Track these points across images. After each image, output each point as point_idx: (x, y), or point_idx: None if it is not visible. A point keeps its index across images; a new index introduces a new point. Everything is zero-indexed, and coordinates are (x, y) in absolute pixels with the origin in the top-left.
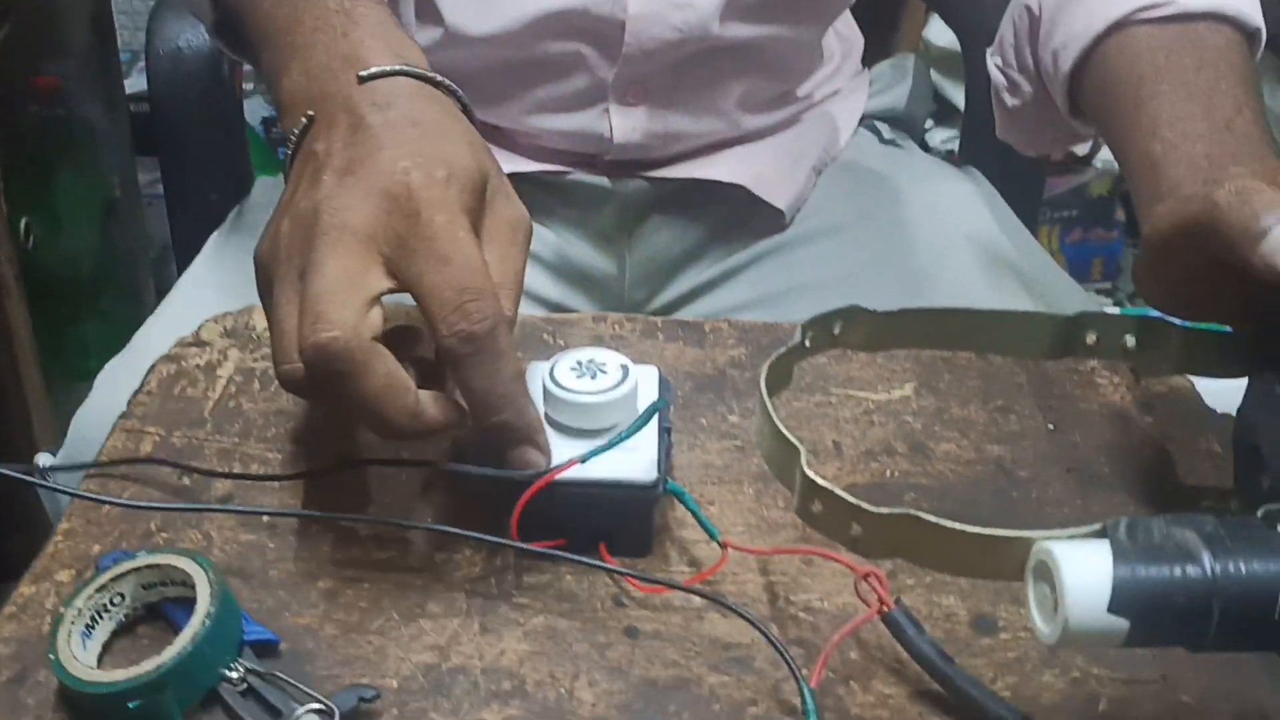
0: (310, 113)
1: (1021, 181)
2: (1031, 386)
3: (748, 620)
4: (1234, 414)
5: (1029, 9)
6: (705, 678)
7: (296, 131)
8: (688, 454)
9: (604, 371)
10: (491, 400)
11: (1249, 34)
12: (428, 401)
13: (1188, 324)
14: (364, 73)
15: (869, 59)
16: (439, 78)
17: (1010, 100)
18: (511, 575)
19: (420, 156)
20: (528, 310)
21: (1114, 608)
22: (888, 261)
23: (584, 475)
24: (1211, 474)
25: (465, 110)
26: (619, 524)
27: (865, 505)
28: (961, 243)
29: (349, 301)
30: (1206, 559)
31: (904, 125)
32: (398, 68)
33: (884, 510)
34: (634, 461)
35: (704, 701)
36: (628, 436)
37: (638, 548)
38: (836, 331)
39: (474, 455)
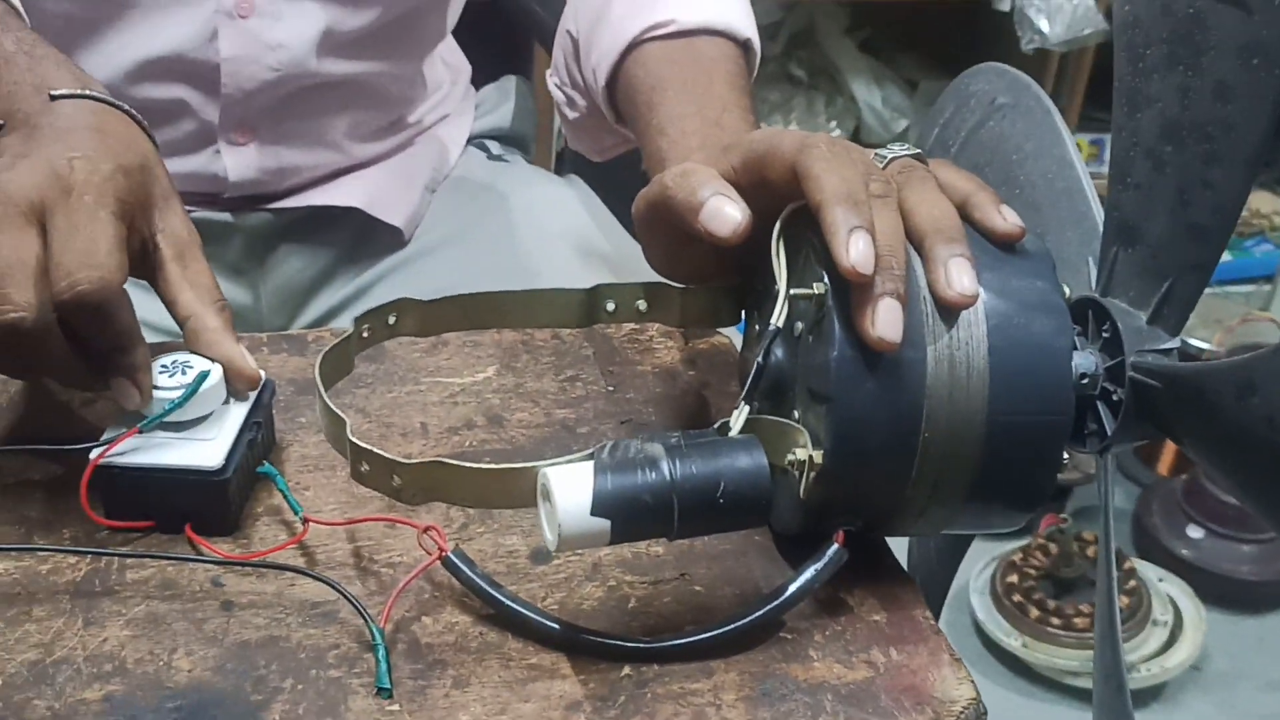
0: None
1: (621, 186)
2: (597, 356)
3: (321, 580)
4: None
5: (569, 33)
6: (294, 633)
7: None
8: (288, 449)
9: (189, 369)
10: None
11: (741, 43)
12: None
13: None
14: (54, 93)
15: (480, 82)
16: (122, 105)
17: (570, 114)
18: (115, 574)
19: (91, 153)
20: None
21: (595, 511)
22: (498, 263)
23: (155, 461)
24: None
25: (148, 135)
26: (198, 506)
27: (399, 459)
28: (559, 240)
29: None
30: (666, 464)
31: (512, 141)
32: (85, 92)
33: (415, 460)
34: (207, 450)
35: (291, 652)
36: (175, 407)
37: (221, 527)
38: (391, 322)
39: None
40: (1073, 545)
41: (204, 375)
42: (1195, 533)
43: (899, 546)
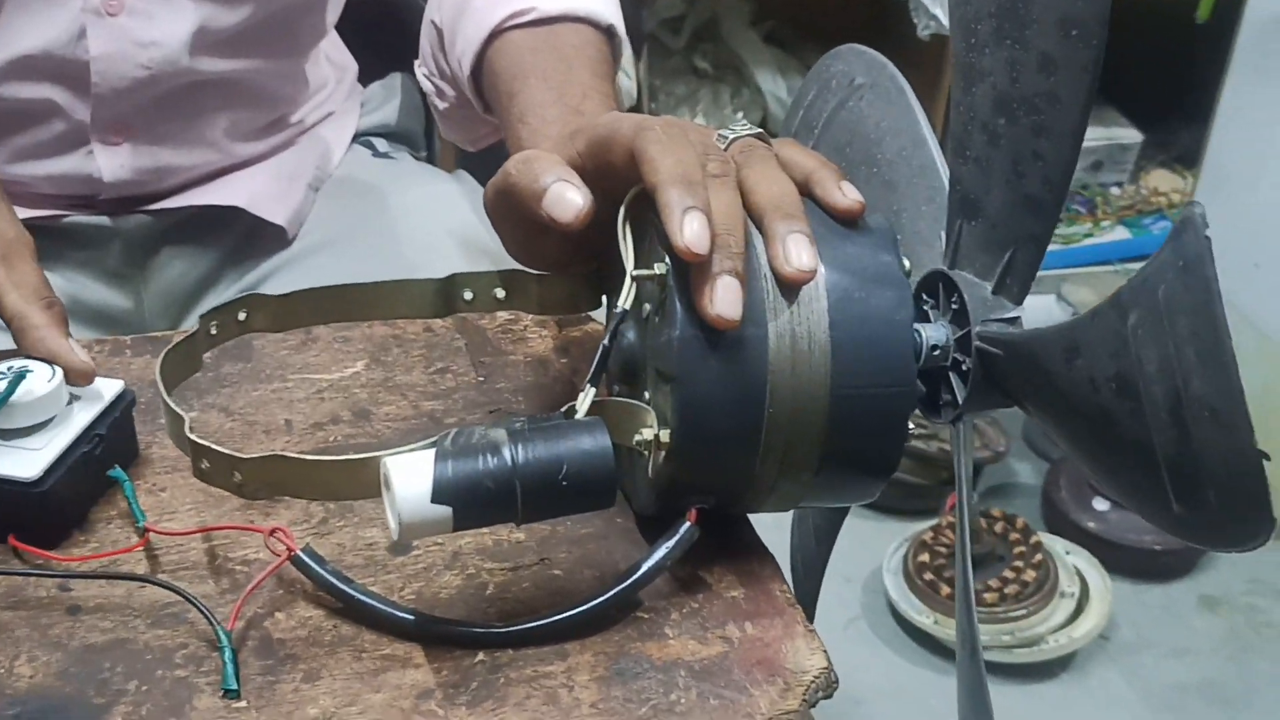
0: None
1: None
2: (469, 347)
3: (163, 585)
4: None
5: (434, 23)
6: (141, 635)
7: None
8: (149, 450)
9: (29, 374)
10: None
11: (605, 30)
12: None
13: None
14: None
15: (367, 79)
16: None
17: (440, 104)
18: None
19: None
20: None
21: (435, 499)
22: (384, 261)
23: None
24: None
25: None
26: (18, 517)
27: (238, 454)
28: (445, 236)
29: None
30: (508, 449)
31: (399, 138)
32: None
33: (253, 455)
34: (28, 459)
35: (138, 654)
36: None
37: (43, 540)
38: (242, 318)
39: None
40: (980, 522)
41: (21, 376)
42: (1101, 505)
43: (782, 532)
